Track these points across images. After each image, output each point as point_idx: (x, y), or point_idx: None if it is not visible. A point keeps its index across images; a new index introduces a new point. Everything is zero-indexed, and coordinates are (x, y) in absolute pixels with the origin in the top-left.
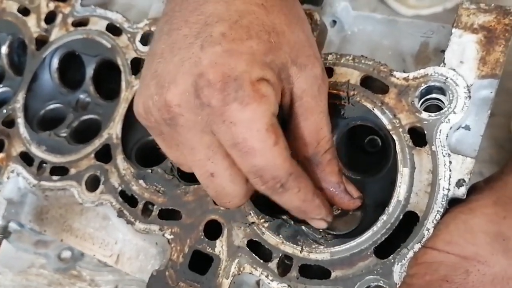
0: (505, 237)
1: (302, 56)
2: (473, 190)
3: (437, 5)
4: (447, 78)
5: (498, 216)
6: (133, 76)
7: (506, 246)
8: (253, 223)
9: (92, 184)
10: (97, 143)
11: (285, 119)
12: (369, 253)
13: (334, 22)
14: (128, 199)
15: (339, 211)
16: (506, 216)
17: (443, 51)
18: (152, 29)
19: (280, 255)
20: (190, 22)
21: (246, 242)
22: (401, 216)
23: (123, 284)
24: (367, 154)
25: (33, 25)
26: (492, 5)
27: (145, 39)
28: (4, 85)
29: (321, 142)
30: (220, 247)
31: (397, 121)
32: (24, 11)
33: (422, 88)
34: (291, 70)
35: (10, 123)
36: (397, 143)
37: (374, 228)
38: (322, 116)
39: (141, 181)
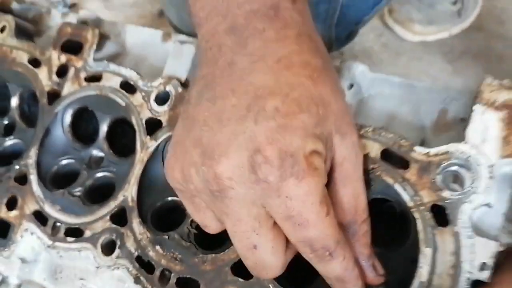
0: None
1: (343, 124)
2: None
3: (442, 31)
4: (469, 156)
5: None
6: (148, 137)
7: None
8: None
9: (108, 248)
10: (112, 205)
11: None
12: None
13: (351, 85)
14: (145, 265)
15: None
16: None
17: (462, 120)
18: (167, 88)
19: None
20: (238, 92)
21: None
22: None
23: None
24: (383, 225)
25: (44, 78)
26: None
27: (160, 99)
28: (16, 137)
29: (358, 211)
30: None
31: (419, 198)
32: (35, 63)
33: (444, 166)
34: (335, 138)
35: (22, 178)
36: (418, 222)
37: None
38: (360, 183)
39: (157, 247)
